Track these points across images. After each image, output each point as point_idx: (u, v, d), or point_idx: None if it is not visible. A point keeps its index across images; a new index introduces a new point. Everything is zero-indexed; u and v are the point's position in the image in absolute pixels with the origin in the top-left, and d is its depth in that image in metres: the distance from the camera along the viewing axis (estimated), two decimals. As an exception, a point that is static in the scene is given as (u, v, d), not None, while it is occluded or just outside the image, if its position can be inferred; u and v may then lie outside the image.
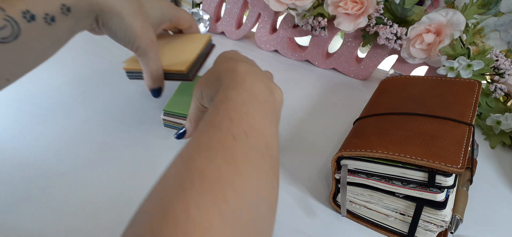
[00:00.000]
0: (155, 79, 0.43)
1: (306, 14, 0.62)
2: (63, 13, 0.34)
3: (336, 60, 0.66)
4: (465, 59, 0.52)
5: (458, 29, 0.54)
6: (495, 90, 0.54)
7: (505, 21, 0.59)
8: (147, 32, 0.40)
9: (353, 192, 0.39)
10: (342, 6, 0.58)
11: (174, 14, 0.46)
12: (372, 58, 0.63)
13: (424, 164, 0.33)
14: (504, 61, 0.53)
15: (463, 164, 0.32)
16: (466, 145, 0.35)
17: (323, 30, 0.62)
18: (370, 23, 0.59)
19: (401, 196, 0.36)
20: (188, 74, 0.44)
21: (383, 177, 0.36)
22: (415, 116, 0.40)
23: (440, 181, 0.33)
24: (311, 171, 0.46)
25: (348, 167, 0.37)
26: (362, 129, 0.41)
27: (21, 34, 0.32)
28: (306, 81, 0.64)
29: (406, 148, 0.35)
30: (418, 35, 0.56)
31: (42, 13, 0.33)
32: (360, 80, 0.66)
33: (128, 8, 0.38)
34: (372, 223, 0.39)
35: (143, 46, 0.40)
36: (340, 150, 0.38)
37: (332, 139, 0.51)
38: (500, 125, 0.52)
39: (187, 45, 0.47)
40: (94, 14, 0.37)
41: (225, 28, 0.73)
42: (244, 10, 0.73)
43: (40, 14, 0.33)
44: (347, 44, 0.65)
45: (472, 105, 0.41)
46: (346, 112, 0.56)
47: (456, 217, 0.37)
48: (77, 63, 0.61)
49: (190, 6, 0.73)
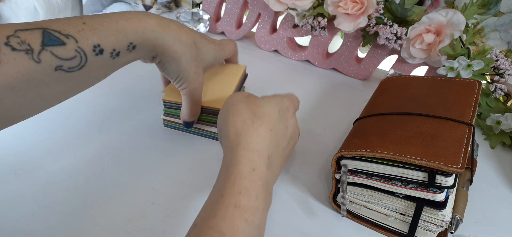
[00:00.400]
0: (192, 116, 0.45)
1: (306, 14, 0.62)
2: (128, 49, 0.36)
3: (336, 60, 0.66)
4: (465, 59, 0.52)
5: (458, 29, 0.54)
6: (495, 90, 0.54)
7: (505, 21, 0.59)
8: (198, 77, 0.42)
9: (353, 192, 0.39)
10: (342, 6, 0.58)
11: (223, 55, 0.48)
12: (372, 58, 0.63)
13: (424, 164, 0.33)
14: (504, 61, 0.53)
15: (463, 164, 0.32)
16: (466, 145, 0.35)
17: (323, 30, 0.62)
18: (370, 23, 0.59)
19: (401, 196, 0.36)
20: None
21: (383, 177, 0.36)
22: (415, 116, 0.40)
23: (440, 181, 0.33)
24: (311, 171, 0.46)
25: (348, 167, 0.37)
26: (362, 129, 0.41)
27: (86, 66, 0.33)
28: (306, 81, 0.64)
29: (406, 148, 0.35)
30: (418, 35, 0.56)
31: (111, 49, 0.34)
32: (360, 80, 0.66)
33: (187, 55, 0.40)
34: (372, 223, 0.39)
35: (191, 89, 0.42)
36: (340, 150, 0.38)
37: (332, 139, 0.51)
38: (500, 125, 0.52)
39: (225, 78, 0.50)
40: (154, 53, 0.38)
41: (225, 28, 0.73)
42: (244, 10, 0.73)
43: (109, 49, 0.34)
44: (347, 44, 0.65)
45: (472, 105, 0.41)
46: (346, 112, 0.56)
47: (456, 217, 0.37)
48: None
49: (190, 6, 0.73)
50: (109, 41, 0.34)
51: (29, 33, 0.30)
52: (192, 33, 0.41)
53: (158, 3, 0.73)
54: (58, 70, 0.31)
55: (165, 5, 0.73)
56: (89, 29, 0.33)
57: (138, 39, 0.36)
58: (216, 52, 0.45)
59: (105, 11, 0.74)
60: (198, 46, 0.42)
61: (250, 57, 0.68)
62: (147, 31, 0.36)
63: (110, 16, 0.35)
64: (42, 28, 0.31)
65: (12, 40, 0.29)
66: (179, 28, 0.39)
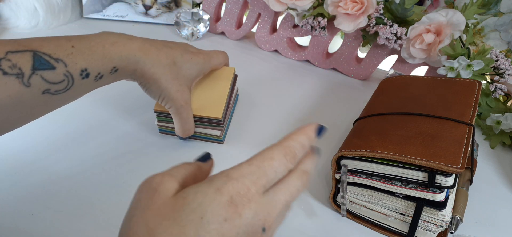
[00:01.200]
0: (185, 133, 0.45)
1: (306, 14, 0.62)
2: (111, 73, 0.37)
3: (336, 60, 0.66)
4: (465, 59, 0.52)
5: (458, 29, 0.54)
6: (495, 90, 0.54)
7: (505, 21, 0.59)
8: (182, 94, 0.42)
9: (353, 192, 0.39)
10: (342, 6, 0.58)
11: (209, 66, 0.47)
12: (372, 58, 0.63)
13: (424, 164, 0.33)
14: (504, 61, 0.53)
15: (463, 164, 0.32)
16: (466, 145, 0.35)
17: (323, 30, 0.62)
18: (370, 23, 0.59)
19: (401, 196, 0.36)
20: (221, 120, 0.46)
21: (383, 177, 0.36)
22: (415, 116, 0.40)
23: (440, 181, 0.33)
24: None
25: (348, 167, 0.37)
26: (362, 129, 0.41)
27: (71, 88, 0.34)
28: (306, 81, 0.64)
29: (406, 148, 0.35)
30: (418, 35, 0.56)
31: (96, 73, 0.35)
32: (360, 80, 0.66)
33: (166, 75, 0.40)
34: (372, 223, 0.39)
35: (177, 107, 0.42)
36: (340, 150, 0.38)
37: (332, 139, 0.51)
38: (500, 125, 0.52)
39: (215, 83, 0.48)
40: (135, 76, 0.40)
41: (225, 28, 0.73)
42: (244, 10, 0.73)
43: (94, 73, 0.35)
44: (347, 44, 0.65)
45: (472, 105, 0.40)
46: (346, 112, 0.56)
47: (456, 217, 0.37)
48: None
49: (190, 6, 0.73)
50: (96, 66, 0.35)
51: (20, 55, 0.30)
52: (172, 52, 0.41)
53: (158, 3, 0.73)
54: (45, 93, 0.32)
55: (165, 5, 0.73)
56: (78, 53, 0.34)
57: (121, 63, 0.37)
58: (199, 66, 0.45)
59: (105, 11, 0.74)
60: (178, 64, 0.42)
61: (250, 57, 0.69)
62: (130, 56, 0.38)
63: (96, 40, 0.36)
64: (32, 51, 0.31)
65: (4, 64, 0.30)
66: (158, 50, 0.40)
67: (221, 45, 0.71)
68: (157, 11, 0.74)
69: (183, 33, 0.71)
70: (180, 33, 0.71)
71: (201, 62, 0.45)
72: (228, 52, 0.52)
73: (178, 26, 0.71)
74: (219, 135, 0.47)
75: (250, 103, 0.56)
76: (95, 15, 0.74)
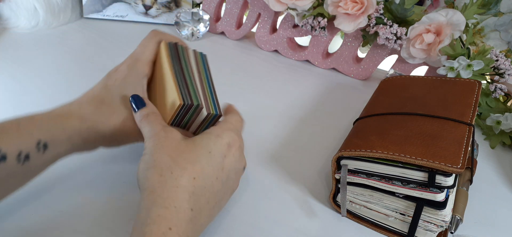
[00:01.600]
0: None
1: (306, 14, 0.62)
2: (39, 150, 0.32)
3: (336, 60, 0.66)
4: (465, 59, 0.52)
5: (458, 29, 0.54)
6: (495, 90, 0.54)
7: (505, 21, 0.59)
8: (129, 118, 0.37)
9: (353, 192, 0.39)
10: (342, 6, 0.58)
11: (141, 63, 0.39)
12: (372, 58, 0.63)
13: (424, 164, 0.33)
14: (504, 61, 0.53)
15: (463, 164, 0.32)
16: (466, 145, 0.35)
17: (323, 30, 0.62)
18: (370, 23, 0.59)
19: (401, 196, 0.36)
20: (191, 103, 0.36)
21: (383, 177, 0.36)
22: (415, 116, 0.40)
23: (440, 181, 0.33)
24: (311, 171, 0.46)
25: (348, 167, 0.37)
26: (362, 129, 0.41)
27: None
28: (306, 81, 0.64)
29: (406, 148, 0.35)
30: (418, 35, 0.56)
31: (16, 152, 0.30)
32: (360, 80, 0.66)
33: (98, 117, 0.36)
34: (372, 223, 0.39)
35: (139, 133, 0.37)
36: (340, 150, 0.38)
37: (332, 139, 0.51)
38: (500, 125, 0.52)
39: (161, 74, 0.39)
40: (72, 144, 0.35)
41: (225, 28, 0.73)
42: (244, 10, 0.73)
43: (13, 153, 0.30)
44: (347, 44, 0.65)
45: (472, 105, 0.41)
46: (346, 112, 0.56)
47: (456, 217, 0.37)
48: (77, 64, 0.61)
49: (190, 6, 0.73)
50: (12, 144, 0.31)
51: None
52: (93, 95, 0.37)
53: (158, 3, 0.73)
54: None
55: (165, 5, 0.73)
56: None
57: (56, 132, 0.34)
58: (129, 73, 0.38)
59: (105, 11, 0.74)
60: (106, 101, 0.37)
61: (250, 57, 0.69)
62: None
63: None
64: None
65: None
66: (80, 106, 0.36)
67: (221, 45, 0.71)
68: (157, 11, 0.74)
69: (183, 33, 0.71)
70: (180, 33, 0.71)
71: (125, 69, 0.38)
72: (228, 52, 0.52)
73: (178, 26, 0.71)
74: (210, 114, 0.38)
75: (251, 103, 0.56)
76: (95, 15, 0.74)
